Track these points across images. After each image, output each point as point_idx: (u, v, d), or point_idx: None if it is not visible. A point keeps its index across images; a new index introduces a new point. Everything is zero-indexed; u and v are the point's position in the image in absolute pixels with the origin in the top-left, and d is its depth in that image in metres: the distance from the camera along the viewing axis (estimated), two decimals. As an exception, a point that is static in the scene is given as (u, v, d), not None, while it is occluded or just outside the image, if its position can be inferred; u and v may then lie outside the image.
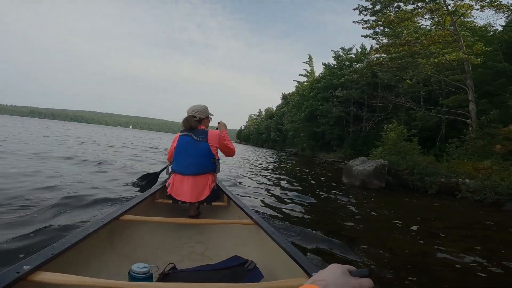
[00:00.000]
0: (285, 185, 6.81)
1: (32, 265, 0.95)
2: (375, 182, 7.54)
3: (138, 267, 1.20)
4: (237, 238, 2.02)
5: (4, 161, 5.34)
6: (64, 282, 0.96)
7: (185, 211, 2.46)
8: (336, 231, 3.31)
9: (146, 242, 1.91)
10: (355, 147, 22.11)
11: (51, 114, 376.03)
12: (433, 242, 3.21)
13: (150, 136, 49.48)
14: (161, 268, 1.33)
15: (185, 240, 2.07)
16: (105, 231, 1.55)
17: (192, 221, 2.04)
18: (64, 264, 1.14)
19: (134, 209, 1.91)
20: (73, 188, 3.64)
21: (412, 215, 4.73)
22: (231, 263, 1.42)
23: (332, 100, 24.23)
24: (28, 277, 0.93)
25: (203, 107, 2.44)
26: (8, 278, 0.86)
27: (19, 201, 2.89)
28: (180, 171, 2.25)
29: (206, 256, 1.87)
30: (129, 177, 5.00)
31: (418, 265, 2.53)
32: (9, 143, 8.98)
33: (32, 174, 4.33)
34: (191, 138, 2.27)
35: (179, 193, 2.21)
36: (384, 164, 7.82)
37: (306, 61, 36.82)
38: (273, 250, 1.47)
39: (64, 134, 20.24)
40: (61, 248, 1.11)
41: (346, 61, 25.58)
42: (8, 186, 3.39)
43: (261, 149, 45.36)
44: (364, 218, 4.23)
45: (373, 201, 5.87)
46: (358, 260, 2.47)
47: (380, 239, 3.21)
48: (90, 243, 1.37)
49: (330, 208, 4.75)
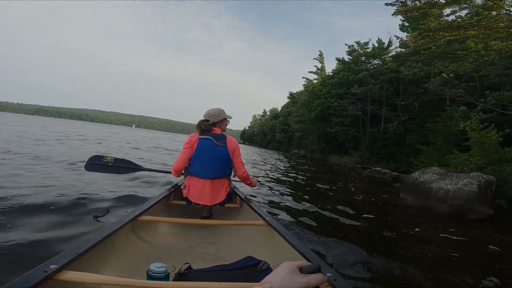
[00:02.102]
0: (327, 205, 4.70)
1: (58, 264, 0.97)
2: (481, 209, 4.76)
3: (156, 266, 1.21)
4: (250, 239, 2.00)
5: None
6: (88, 281, 0.99)
7: (198, 212, 2.48)
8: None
9: (162, 242, 1.94)
10: (373, 150, 19.85)
11: (56, 112, 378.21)
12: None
13: (164, 136, 47.72)
14: (177, 267, 1.30)
15: (198, 241, 2.08)
16: (124, 231, 1.58)
17: (205, 222, 2.06)
18: (87, 263, 1.17)
19: (151, 210, 1.92)
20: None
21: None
22: (245, 263, 1.35)
23: (347, 97, 21.96)
24: (55, 276, 0.95)
25: (216, 111, 2.42)
26: (36, 277, 0.89)
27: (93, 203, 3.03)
28: (198, 174, 2.24)
29: (219, 257, 1.89)
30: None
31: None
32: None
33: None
34: (212, 142, 2.25)
35: (196, 196, 2.23)
36: (490, 180, 5.08)
37: (317, 58, 34.63)
38: (286, 251, 1.45)
39: (95, 135, 19.54)
40: (85, 248, 1.14)
41: (362, 56, 23.24)
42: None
43: (266, 150, 43.09)
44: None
45: (498, 243, 3.41)
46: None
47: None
48: (111, 243, 1.42)
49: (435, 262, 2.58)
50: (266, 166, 11.59)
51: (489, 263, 2.73)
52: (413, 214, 4.91)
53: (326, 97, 24.61)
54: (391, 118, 19.49)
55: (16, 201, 2.70)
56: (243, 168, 2.37)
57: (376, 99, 20.71)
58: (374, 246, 2.89)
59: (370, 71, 21.04)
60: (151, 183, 4.60)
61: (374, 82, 20.05)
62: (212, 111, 2.41)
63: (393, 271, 2.27)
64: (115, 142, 15.15)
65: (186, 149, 2.26)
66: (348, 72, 22.50)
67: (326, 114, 25.32)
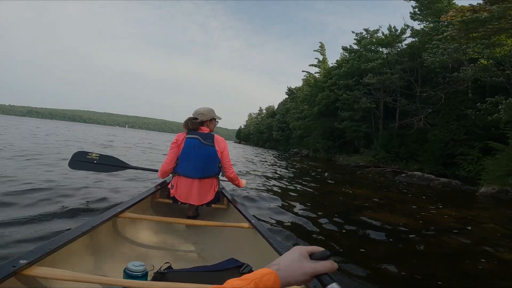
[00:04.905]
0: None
1: (28, 259, 0.95)
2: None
3: (134, 265, 1.20)
4: (234, 241, 1.97)
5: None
6: (59, 277, 0.97)
7: (184, 211, 2.47)
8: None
9: (144, 240, 1.90)
10: (390, 149, 17.25)
11: (49, 113, 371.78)
12: None
13: (161, 137, 45.14)
14: (157, 267, 1.28)
15: (182, 241, 2.05)
16: (105, 227, 1.55)
17: (190, 222, 2.01)
18: (61, 259, 1.15)
19: (134, 207, 1.88)
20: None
21: None
22: (227, 265, 1.35)
23: (358, 88, 19.29)
24: (24, 271, 0.93)
25: (206, 109, 2.37)
26: (3, 271, 0.87)
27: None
28: (185, 173, 2.20)
29: (202, 258, 1.85)
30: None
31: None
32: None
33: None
34: (198, 141, 2.22)
35: (184, 195, 2.19)
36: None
37: (318, 49, 32.06)
38: (269, 255, 1.41)
39: (102, 138, 17.89)
40: (59, 243, 1.11)
41: (373, 44, 20.57)
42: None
43: (263, 149, 40.22)
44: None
45: None
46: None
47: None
48: (89, 239, 1.39)
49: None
50: (267, 172, 8.87)
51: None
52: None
53: (332, 89, 21.93)
54: (410, 111, 16.86)
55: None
56: (231, 168, 2.34)
57: (397, 89, 17.91)
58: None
59: (387, 58, 18.37)
60: (137, 181, 4.40)
61: (390, 71, 17.42)
62: (202, 109, 2.36)
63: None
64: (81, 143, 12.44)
65: (173, 149, 2.23)
66: (359, 61, 19.83)
67: (331, 109, 22.68)
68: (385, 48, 20.43)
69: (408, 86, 17.48)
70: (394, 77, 16.82)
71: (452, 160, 14.52)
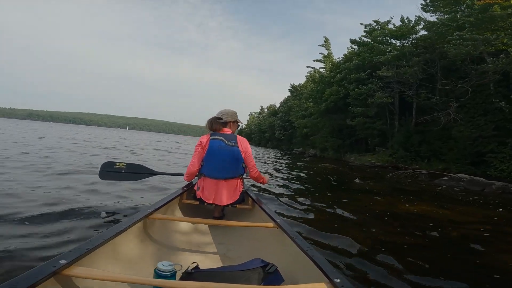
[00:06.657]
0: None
1: (68, 260, 0.99)
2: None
3: (164, 265, 1.22)
4: (260, 241, 1.96)
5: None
6: (96, 277, 0.99)
7: (210, 212, 2.45)
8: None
9: (172, 241, 1.94)
10: (409, 147, 15.83)
11: (49, 116, 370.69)
12: None
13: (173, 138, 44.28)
14: (185, 267, 1.31)
15: (208, 241, 2.08)
16: (135, 228, 1.59)
17: (216, 222, 2.04)
18: (97, 259, 1.19)
19: (163, 208, 1.94)
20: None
21: None
22: (253, 265, 1.34)
23: (372, 82, 17.86)
24: (64, 271, 0.97)
25: (231, 111, 2.42)
26: (45, 271, 0.91)
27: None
28: (211, 174, 2.22)
29: (228, 257, 1.86)
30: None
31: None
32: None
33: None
34: (223, 142, 2.22)
35: (210, 196, 2.20)
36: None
37: (322, 44, 30.62)
38: (295, 254, 1.43)
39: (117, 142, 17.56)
40: (95, 244, 1.15)
41: (386, 36, 19.10)
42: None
43: (266, 149, 38.75)
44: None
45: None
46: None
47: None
48: (122, 240, 1.43)
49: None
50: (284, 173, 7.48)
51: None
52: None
53: (341, 84, 20.51)
54: (431, 106, 15.42)
55: (25, 210, 2.61)
56: (255, 168, 2.34)
57: (415, 83, 16.44)
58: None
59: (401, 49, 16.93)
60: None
61: (407, 64, 15.99)
62: (227, 110, 2.40)
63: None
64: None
65: (198, 151, 2.25)
66: (371, 53, 18.40)
67: (340, 105, 21.27)
68: (398, 40, 19.02)
69: (428, 79, 16.06)
70: (413, 70, 15.37)
71: (481, 158, 13.12)
